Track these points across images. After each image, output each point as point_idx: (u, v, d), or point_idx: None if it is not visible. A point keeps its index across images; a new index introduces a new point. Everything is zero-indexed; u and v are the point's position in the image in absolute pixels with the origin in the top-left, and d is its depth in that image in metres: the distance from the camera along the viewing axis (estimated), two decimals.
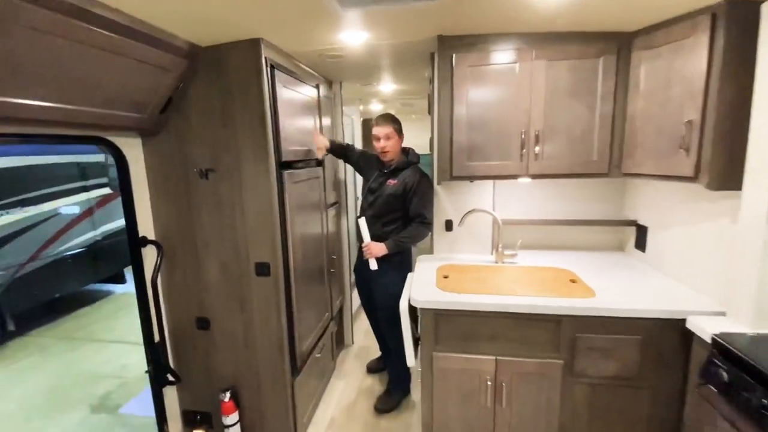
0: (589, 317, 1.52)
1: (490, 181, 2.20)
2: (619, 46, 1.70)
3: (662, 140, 1.55)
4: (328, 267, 2.51)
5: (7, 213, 4.09)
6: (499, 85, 1.77)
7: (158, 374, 1.93)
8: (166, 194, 1.87)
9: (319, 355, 2.31)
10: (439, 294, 1.67)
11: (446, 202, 2.24)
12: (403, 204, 2.14)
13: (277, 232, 1.81)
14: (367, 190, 2.29)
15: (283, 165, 1.83)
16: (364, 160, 2.43)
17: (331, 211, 2.62)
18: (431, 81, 2.09)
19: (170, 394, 2.05)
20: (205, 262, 1.90)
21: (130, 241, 1.82)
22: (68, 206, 4.67)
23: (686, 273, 1.70)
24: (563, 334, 1.55)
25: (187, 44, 1.59)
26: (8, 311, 4.02)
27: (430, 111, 2.08)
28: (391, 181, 2.16)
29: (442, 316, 1.63)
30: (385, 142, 2.14)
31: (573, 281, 1.80)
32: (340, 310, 2.95)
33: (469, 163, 1.86)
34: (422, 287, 1.75)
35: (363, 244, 2.18)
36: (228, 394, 1.93)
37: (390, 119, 2.15)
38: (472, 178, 1.93)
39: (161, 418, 2.01)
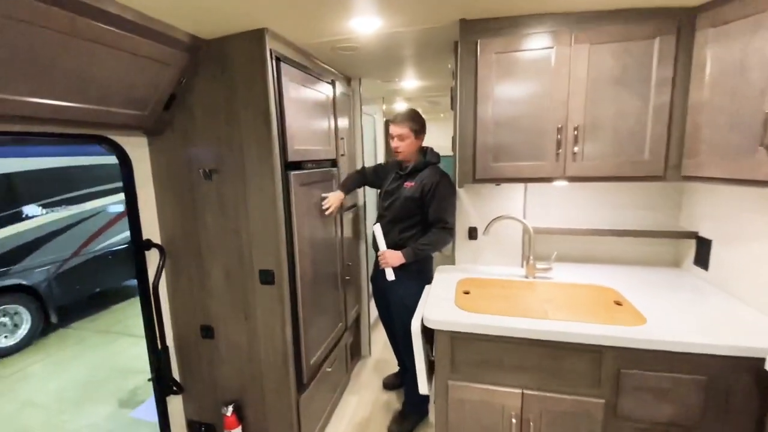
0: (638, 350, 1.26)
1: (521, 185, 1.96)
2: (678, 24, 1.42)
3: (735, 136, 1.26)
4: (343, 274, 2.36)
5: (53, 211, 4.31)
6: (532, 74, 1.54)
7: (161, 382, 1.86)
8: (171, 196, 1.79)
9: (330, 369, 2.16)
10: (457, 313, 1.46)
11: (470, 207, 2.03)
12: (421, 208, 1.95)
13: (282, 238, 1.68)
14: (384, 194, 2.12)
15: (290, 166, 1.70)
16: (380, 174, 2.27)
17: (348, 215, 2.47)
18: (454, 74, 1.89)
19: (175, 403, 1.97)
20: (209, 268, 1.80)
21: (134, 243, 1.76)
22: (114, 204, 4.86)
23: (764, 298, 1.39)
24: (605, 368, 1.30)
25: (188, 37, 1.49)
26: (51, 304, 4.22)
27: (453, 107, 1.88)
28: (408, 183, 1.97)
29: (459, 340, 1.42)
30: (398, 142, 1.97)
31: (618, 303, 1.53)
32: (357, 320, 2.79)
33: (496, 164, 1.64)
34: (438, 304, 1.55)
35: (378, 253, 2.01)
36: (230, 408, 1.83)
37: (407, 118, 1.97)
38: (498, 180, 1.70)
39: (165, 427, 1.94)
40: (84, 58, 1.21)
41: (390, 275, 1.97)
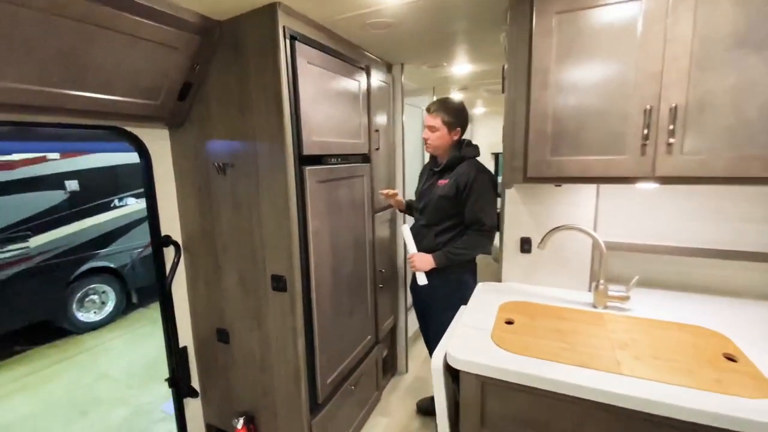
0: None
1: (591, 186, 1.55)
2: None
3: None
4: (375, 282, 2.12)
5: (137, 201, 4.73)
6: (607, 37, 1.15)
7: (176, 385, 1.80)
8: (191, 191, 1.71)
9: (353, 387, 1.94)
10: (493, 352, 1.14)
11: (523, 212, 1.65)
12: (457, 208, 1.66)
13: (295, 241, 1.49)
14: (419, 194, 1.84)
15: (307, 160, 1.51)
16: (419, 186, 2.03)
17: (383, 216, 2.22)
18: (506, 49, 1.53)
19: (195, 405, 1.91)
20: (224, 269, 1.69)
21: (153, 240, 1.70)
22: None
23: None
24: None
25: (198, 17, 1.36)
26: (132, 286, 4.67)
27: (504, 90, 1.53)
28: (442, 181, 1.68)
29: (492, 386, 1.10)
30: (428, 133, 1.70)
31: (730, 358, 1.07)
32: (392, 332, 2.54)
33: (555, 158, 1.27)
34: (470, 336, 1.24)
35: (408, 255, 1.77)
36: (241, 421, 1.70)
37: (441, 108, 1.69)
38: (558, 180, 1.33)
39: (182, 429, 1.88)
40: (72, 40, 1.11)
41: (422, 279, 1.74)
